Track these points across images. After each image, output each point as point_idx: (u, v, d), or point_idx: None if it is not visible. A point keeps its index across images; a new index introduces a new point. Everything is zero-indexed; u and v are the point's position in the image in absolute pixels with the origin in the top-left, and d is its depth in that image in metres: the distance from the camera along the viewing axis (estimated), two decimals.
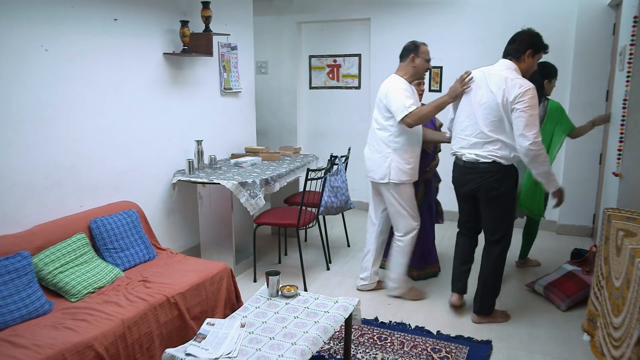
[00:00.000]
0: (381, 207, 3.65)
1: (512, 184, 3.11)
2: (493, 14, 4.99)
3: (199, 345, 2.21)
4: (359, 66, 5.89)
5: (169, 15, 3.91)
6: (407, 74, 3.39)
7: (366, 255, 3.75)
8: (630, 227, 2.53)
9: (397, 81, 3.36)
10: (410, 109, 3.23)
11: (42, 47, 2.95)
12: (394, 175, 3.38)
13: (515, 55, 3.04)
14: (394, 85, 3.33)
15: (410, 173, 3.41)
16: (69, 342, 2.21)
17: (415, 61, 3.36)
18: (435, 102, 3.25)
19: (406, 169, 3.39)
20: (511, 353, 2.94)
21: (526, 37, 3.03)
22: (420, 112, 3.23)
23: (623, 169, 3.21)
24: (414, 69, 3.38)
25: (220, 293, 3.05)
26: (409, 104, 3.24)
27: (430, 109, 3.23)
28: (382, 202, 3.61)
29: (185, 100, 4.18)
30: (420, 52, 3.36)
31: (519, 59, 3.03)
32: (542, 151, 2.89)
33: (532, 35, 3.04)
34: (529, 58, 3.02)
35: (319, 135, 6.23)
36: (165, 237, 3.98)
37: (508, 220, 3.21)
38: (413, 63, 3.36)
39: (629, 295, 2.11)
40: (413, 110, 3.23)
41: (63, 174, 3.14)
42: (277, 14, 6.02)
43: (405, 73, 3.40)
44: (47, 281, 2.66)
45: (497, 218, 3.17)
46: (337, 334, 3.08)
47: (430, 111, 3.23)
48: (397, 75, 3.41)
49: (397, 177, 3.38)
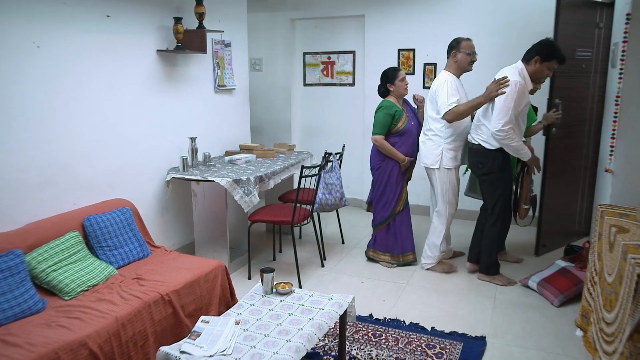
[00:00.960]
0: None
1: (495, 167, 3.59)
2: (486, 10, 4.99)
3: (193, 342, 2.20)
4: (353, 63, 5.88)
5: (162, 12, 3.89)
6: (453, 68, 3.81)
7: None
8: (623, 224, 2.55)
9: (444, 77, 3.75)
10: (451, 106, 3.62)
11: (34, 44, 2.92)
12: (445, 161, 3.81)
13: (526, 58, 3.46)
14: (441, 82, 3.74)
15: (456, 160, 3.87)
16: (62, 340, 2.20)
17: (457, 56, 3.76)
18: (471, 101, 3.62)
19: (454, 156, 3.83)
20: (505, 349, 2.95)
21: (538, 45, 3.43)
22: (457, 111, 3.63)
23: (615, 166, 3.23)
24: (456, 63, 3.79)
25: (215, 290, 3.05)
26: (450, 102, 3.63)
27: (465, 108, 3.62)
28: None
29: (179, 98, 4.16)
30: (461, 47, 3.76)
31: (529, 62, 3.43)
32: (507, 138, 3.38)
33: (544, 44, 3.41)
34: (537, 64, 3.40)
35: (314, 132, 6.22)
36: (159, 235, 3.97)
37: (498, 202, 3.68)
38: (455, 58, 3.77)
39: (622, 291, 2.12)
40: (452, 108, 3.61)
41: (56, 171, 3.12)
42: (271, 11, 6.00)
43: (451, 68, 3.82)
44: (40, 279, 2.65)
45: (487, 194, 3.75)
46: (332, 331, 3.09)
47: (465, 110, 3.62)
48: (445, 72, 3.82)
49: (446, 163, 3.82)
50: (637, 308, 1.94)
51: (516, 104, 3.37)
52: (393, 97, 3.99)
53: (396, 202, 4.06)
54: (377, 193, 4.10)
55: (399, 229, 4.12)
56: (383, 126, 3.90)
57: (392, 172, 4.01)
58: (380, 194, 4.07)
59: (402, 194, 4.07)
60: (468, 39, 3.81)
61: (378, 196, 4.10)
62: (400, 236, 4.13)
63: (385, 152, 3.95)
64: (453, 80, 3.75)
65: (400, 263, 4.14)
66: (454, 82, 3.75)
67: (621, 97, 3.17)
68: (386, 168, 4.01)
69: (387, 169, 4.01)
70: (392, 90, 3.97)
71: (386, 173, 4.02)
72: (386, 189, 4.05)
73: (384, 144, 3.92)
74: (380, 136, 3.92)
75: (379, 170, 4.05)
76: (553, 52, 3.37)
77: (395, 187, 4.03)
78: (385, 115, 3.89)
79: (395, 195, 4.05)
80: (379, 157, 4.04)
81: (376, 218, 4.16)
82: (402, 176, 4.05)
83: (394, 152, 3.94)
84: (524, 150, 3.50)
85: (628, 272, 2.06)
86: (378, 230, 4.17)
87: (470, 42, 3.81)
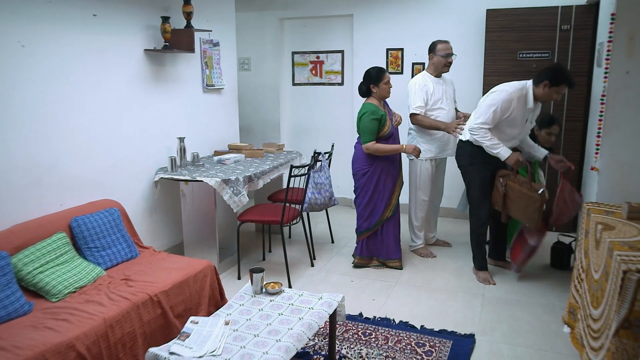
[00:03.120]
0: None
1: (464, 160, 3.81)
2: (475, 9, 5.03)
3: (182, 343, 2.19)
4: (342, 62, 5.89)
5: (149, 11, 3.86)
6: (431, 70, 4.17)
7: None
8: (609, 221, 2.58)
9: (416, 80, 4.16)
10: (416, 110, 4.10)
11: (19, 43, 2.89)
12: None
13: (535, 81, 3.50)
14: (412, 83, 4.18)
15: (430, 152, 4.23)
16: (49, 342, 2.18)
17: (433, 59, 4.13)
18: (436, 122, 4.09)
19: (427, 148, 4.19)
20: (494, 346, 2.97)
21: (547, 69, 3.49)
22: (421, 120, 4.11)
23: (601, 164, 3.26)
24: (433, 65, 4.14)
25: (204, 291, 3.04)
26: (416, 105, 4.10)
27: (427, 122, 4.11)
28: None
29: (167, 97, 4.14)
30: (437, 50, 4.09)
31: (537, 85, 3.49)
32: (479, 135, 3.57)
33: (554, 69, 3.48)
34: (545, 88, 3.45)
35: (303, 132, 6.22)
36: (148, 236, 3.94)
37: (470, 194, 3.88)
38: (432, 61, 4.15)
39: (608, 288, 2.15)
40: (417, 115, 4.11)
41: (43, 172, 3.08)
42: (259, 10, 5.98)
43: (430, 69, 4.18)
44: (26, 281, 2.62)
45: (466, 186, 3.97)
46: (322, 330, 3.09)
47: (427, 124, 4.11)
48: (424, 73, 4.21)
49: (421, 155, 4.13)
50: (623, 304, 1.96)
51: (499, 112, 3.51)
52: (375, 98, 3.89)
53: (384, 209, 3.96)
54: (364, 200, 3.97)
55: (386, 236, 4.04)
56: (372, 132, 3.80)
57: (380, 177, 3.91)
58: (368, 200, 3.96)
59: (391, 200, 3.96)
60: (445, 41, 4.11)
61: (365, 202, 3.97)
62: (387, 243, 4.05)
63: (383, 153, 3.84)
64: (425, 82, 4.10)
65: (388, 265, 4.11)
66: (425, 85, 4.09)
67: (606, 96, 3.20)
68: (374, 173, 3.90)
69: (375, 174, 3.90)
70: (375, 92, 3.86)
71: (374, 178, 3.91)
72: (374, 195, 3.94)
73: (378, 147, 3.81)
74: (371, 143, 3.80)
75: (366, 175, 3.91)
76: (561, 77, 3.41)
77: (382, 192, 3.93)
78: (372, 122, 3.78)
79: (383, 201, 3.94)
80: (365, 162, 3.90)
81: (362, 225, 4.04)
82: (390, 181, 3.95)
83: (392, 148, 3.85)
84: (497, 150, 3.54)
85: (614, 269, 2.08)
86: (364, 237, 4.06)
87: (446, 44, 4.09)
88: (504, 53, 4.79)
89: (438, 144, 4.20)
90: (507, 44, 4.77)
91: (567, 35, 4.62)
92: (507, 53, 4.79)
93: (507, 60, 4.80)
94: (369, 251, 4.11)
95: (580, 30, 4.57)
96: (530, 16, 4.69)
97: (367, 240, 4.08)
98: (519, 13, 4.74)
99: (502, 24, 4.80)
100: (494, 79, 4.73)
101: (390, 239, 4.05)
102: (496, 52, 4.84)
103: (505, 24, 4.78)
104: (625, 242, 2.25)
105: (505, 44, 4.78)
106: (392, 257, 4.08)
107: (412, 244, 4.44)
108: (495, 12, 4.82)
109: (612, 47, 3.16)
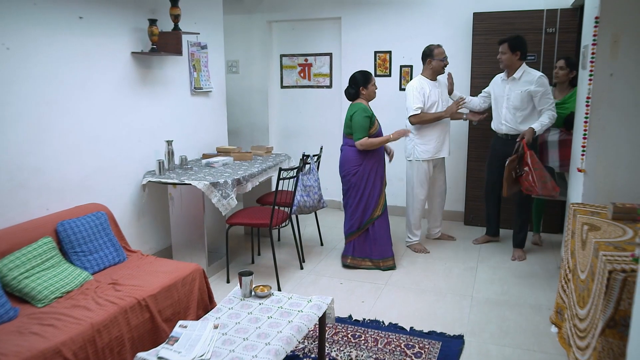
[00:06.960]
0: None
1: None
2: (462, 12, 5.06)
3: (171, 348, 2.18)
4: (330, 65, 5.90)
5: (136, 14, 3.84)
6: (428, 73, 4.33)
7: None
8: (595, 222, 2.61)
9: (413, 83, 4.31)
10: (416, 112, 4.25)
11: (3, 45, 2.85)
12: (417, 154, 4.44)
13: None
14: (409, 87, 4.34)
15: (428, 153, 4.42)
16: (35, 348, 2.15)
17: (432, 63, 4.28)
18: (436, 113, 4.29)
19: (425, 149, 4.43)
20: (482, 347, 2.99)
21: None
22: (423, 117, 4.28)
23: (587, 165, 3.30)
24: (432, 69, 4.30)
25: (193, 294, 3.02)
26: (415, 107, 4.25)
27: (429, 117, 4.28)
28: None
29: (155, 100, 4.11)
30: (435, 55, 4.26)
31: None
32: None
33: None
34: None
35: (291, 135, 6.21)
36: (136, 239, 3.91)
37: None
38: (430, 65, 4.29)
39: (594, 287, 2.17)
40: (418, 114, 4.26)
41: (27, 175, 3.05)
42: (247, 13, 5.97)
43: (426, 73, 4.33)
44: (12, 287, 2.58)
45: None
46: (311, 333, 3.08)
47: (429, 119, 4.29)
48: (420, 76, 4.36)
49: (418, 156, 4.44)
50: (609, 304, 1.99)
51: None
52: (363, 100, 4.02)
53: (374, 207, 4.04)
54: (355, 199, 4.03)
55: (378, 234, 4.09)
56: (365, 129, 3.90)
57: (369, 176, 3.99)
58: (359, 199, 4.02)
59: (380, 199, 4.05)
60: (439, 45, 4.31)
61: (356, 202, 4.03)
62: (380, 242, 4.09)
63: (375, 146, 3.96)
64: (422, 86, 4.27)
65: (381, 268, 4.12)
66: (423, 89, 4.25)
67: (592, 98, 3.24)
68: (364, 172, 3.98)
69: (364, 173, 3.98)
70: (364, 94, 4.00)
71: (364, 178, 3.98)
72: (365, 193, 4.01)
73: (371, 141, 3.93)
74: (364, 138, 3.91)
75: (356, 175, 3.99)
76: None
77: (372, 191, 4.01)
78: (364, 118, 3.89)
79: (373, 199, 4.03)
80: (355, 161, 3.98)
81: (354, 225, 4.09)
82: (379, 180, 4.03)
83: (382, 139, 3.98)
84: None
85: (600, 269, 2.11)
86: (356, 237, 4.10)
87: (441, 48, 4.30)
88: (491, 55, 4.83)
89: (435, 144, 4.37)
90: (494, 46, 4.80)
91: (553, 38, 4.70)
92: (494, 55, 4.81)
93: (494, 63, 4.83)
94: (363, 252, 4.13)
95: (565, 33, 4.65)
96: (516, 19, 4.76)
97: (359, 240, 4.11)
98: (505, 16, 4.80)
99: (488, 27, 4.86)
100: (481, 81, 4.78)
101: (383, 237, 4.11)
102: (483, 55, 4.90)
103: (491, 27, 4.85)
104: (611, 242, 2.28)
105: (492, 47, 4.82)
106: (386, 256, 4.12)
107: (408, 240, 4.59)
108: (481, 15, 4.88)
109: (596, 49, 3.20)
